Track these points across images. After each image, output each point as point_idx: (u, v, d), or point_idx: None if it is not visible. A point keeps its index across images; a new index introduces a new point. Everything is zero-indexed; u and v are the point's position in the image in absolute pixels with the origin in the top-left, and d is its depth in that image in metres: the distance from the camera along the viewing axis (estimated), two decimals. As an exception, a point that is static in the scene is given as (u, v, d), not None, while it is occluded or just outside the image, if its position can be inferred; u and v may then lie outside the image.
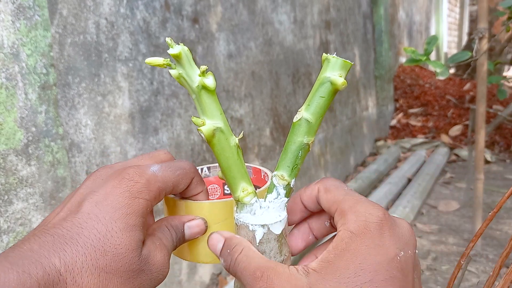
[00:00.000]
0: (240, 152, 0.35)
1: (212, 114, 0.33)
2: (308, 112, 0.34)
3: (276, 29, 2.16)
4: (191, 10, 1.57)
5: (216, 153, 0.34)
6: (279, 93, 2.18)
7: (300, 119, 0.34)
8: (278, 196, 0.35)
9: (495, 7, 3.65)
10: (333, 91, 0.34)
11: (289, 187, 0.35)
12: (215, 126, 0.33)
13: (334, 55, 0.33)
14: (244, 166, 0.35)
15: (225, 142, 0.34)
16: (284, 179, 0.35)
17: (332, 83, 0.33)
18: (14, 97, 0.89)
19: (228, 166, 0.34)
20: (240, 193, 0.35)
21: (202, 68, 0.32)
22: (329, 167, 2.74)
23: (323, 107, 0.34)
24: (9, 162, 0.89)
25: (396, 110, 4.22)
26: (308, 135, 0.34)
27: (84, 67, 1.15)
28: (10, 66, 0.89)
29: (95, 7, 1.19)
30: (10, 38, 0.89)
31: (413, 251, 0.31)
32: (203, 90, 0.33)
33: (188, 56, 0.32)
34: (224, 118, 0.33)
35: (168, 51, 0.32)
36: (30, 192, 0.93)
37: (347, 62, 0.33)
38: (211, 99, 0.33)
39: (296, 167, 0.35)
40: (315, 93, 0.34)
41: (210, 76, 0.33)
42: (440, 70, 1.41)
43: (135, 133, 1.32)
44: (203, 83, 0.32)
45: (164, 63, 0.33)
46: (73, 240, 0.30)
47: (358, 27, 3.37)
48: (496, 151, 3.46)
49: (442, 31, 6.51)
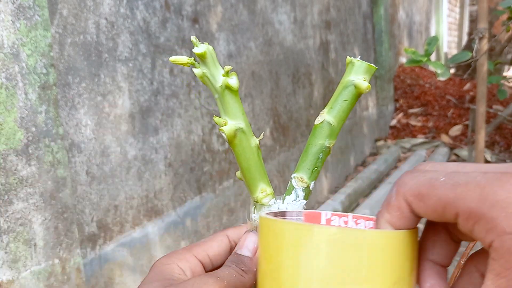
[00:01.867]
0: (260, 153, 0.35)
1: (234, 115, 0.33)
2: (330, 115, 0.34)
3: (276, 29, 2.16)
4: (191, 10, 1.57)
5: (237, 153, 0.34)
6: (279, 93, 2.18)
7: (322, 121, 0.34)
8: (296, 198, 0.35)
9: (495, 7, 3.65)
10: (357, 94, 0.34)
11: (308, 190, 0.35)
12: (237, 126, 0.33)
13: (358, 59, 0.33)
14: (263, 167, 0.35)
15: (246, 143, 0.34)
16: (304, 182, 0.35)
17: (356, 86, 0.33)
18: (14, 97, 0.89)
19: (248, 166, 0.34)
20: (259, 194, 0.35)
21: (226, 68, 0.32)
22: (329, 167, 2.74)
23: (346, 110, 0.34)
24: (9, 162, 0.89)
25: (396, 110, 4.22)
26: (330, 138, 0.35)
27: (84, 67, 1.15)
28: (10, 66, 0.89)
29: (95, 7, 1.19)
30: (10, 38, 0.89)
31: None
32: (227, 90, 0.33)
33: (213, 56, 0.32)
34: (245, 119, 0.34)
35: (193, 50, 0.32)
36: (30, 192, 0.93)
37: (371, 66, 0.33)
38: (234, 99, 0.33)
39: (316, 170, 0.35)
40: (339, 96, 0.34)
41: (234, 76, 0.33)
42: (441, 71, 1.41)
43: (135, 133, 1.32)
44: (227, 83, 0.32)
45: (188, 61, 0.33)
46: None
47: (358, 27, 3.37)
48: (496, 151, 3.46)
49: (442, 31, 6.51)
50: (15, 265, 0.89)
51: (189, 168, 1.55)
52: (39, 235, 0.94)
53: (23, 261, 0.90)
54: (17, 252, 0.89)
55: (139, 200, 1.34)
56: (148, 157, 1.37)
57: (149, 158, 1.37)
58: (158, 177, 1.41)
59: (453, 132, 3.73)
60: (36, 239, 0.93)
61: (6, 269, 0.87)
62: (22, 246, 0.90)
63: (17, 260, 0.89)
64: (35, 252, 0.93)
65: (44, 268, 0.94)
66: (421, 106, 4.16)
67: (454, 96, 4.23)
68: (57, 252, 0.97)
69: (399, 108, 4.22)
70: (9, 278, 0.88)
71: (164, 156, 1.44)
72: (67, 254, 0.99)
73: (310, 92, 2.49)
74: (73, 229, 1.01)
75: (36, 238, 0.93)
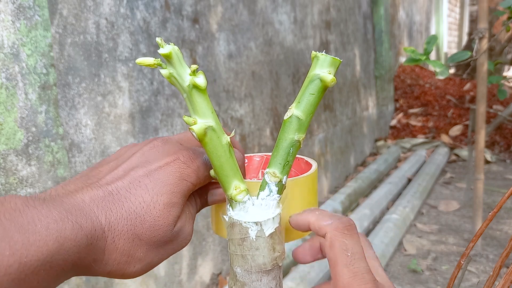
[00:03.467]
0: (232, 151, 0.35)
1: (203, 113, 0.33)
2: (298, 109, 0.35)
3: (276, 29, 2.16)
4: (191, 10, 1.57)
5: (208, 151, 0.34)
6: (279, 93, 2.18)
7: (290, 116, 0.35)
8: (270, 193, 0.35)
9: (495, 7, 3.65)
10: (323, 88, 0.34)
11: (281, 184, 0.36)
12: (207, 125, 0.33)
13: (323, 53, 0.34)
14: (236, 164, 0.35)
15: (217, 141, 0.34)
16: (276, 176, 0.35)
17: (321, 80, 0.34)
18: (14, 97, 0.89)
19: (220, 164, 0.34)
20: (233, 191, 0.35)
21: (192, 68, 0.33)
22: (329, 167, 2.74)
23: (313, 104, 0.34)
24: (9, 162, 0.89)
25: (396, 110, 4.22)
26: (299, 132, 0.35)
27: (84, 67, 1.15)
28: (10, 66, 0.89)
29: (95, 7, 1.19)
30: (10, 38, 0.89)
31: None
32: (194, 89, 0.33)
33: (178, 56, 0.33)
34: (215, 117, 0.34)
35: (159, 51, 0.32)
36: (30, 192, 0.93)
37: (336, 59, 0.34)
38: (202, 98, 0.33)
39: (288, 164, 0.36)
40: (305, 90, 0.34)
41: (201, 75, 0.33)
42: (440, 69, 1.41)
43: (135, 133, 1.32)
44: (194, 82, 0.32)
45: (154, 63, 0.33)
46: (120, 202, 0.32)
47: (358, 27, 3.37)
48: (496, 151, 3.46)
49: (442, 31, 6.51)
50: (15, 265, 0.89)
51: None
52: (39, 235, 0.94)
53: (23, 261, 0.90)
54: (17, 252, 0.89)
55: (139, 200, 1.34)
56: (148, 157, 1.37)
57: (149, 158, 1.37)
58: (158, 177, 1.41)
59: (453, 132, 3.73)
60: (36, 239, 0.93)
61: (6, 269, 0.87)
62: (22, 246, 0.90)
63: (17, 260, 0.89)
64: (35, 252, 0.93)
65: (44, 268, 0.94)
66: (421, 106, 4.16)
67: (454, 96, 4.23)
68: (57, 252, 0.97)
69: (399, 108, 4.22)
70: (9, 278, 0.88)
71: (164, 156, 1.44)
72: (67, 254, 0.99)
73: (310, 92, 2.49)
74: (73, 229, 1.01)
75: (36, 238, 0.93)
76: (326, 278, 1.62)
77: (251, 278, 0.35)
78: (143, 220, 0.32)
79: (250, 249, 0.35)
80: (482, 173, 1.77)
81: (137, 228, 0.32)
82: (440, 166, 3.08)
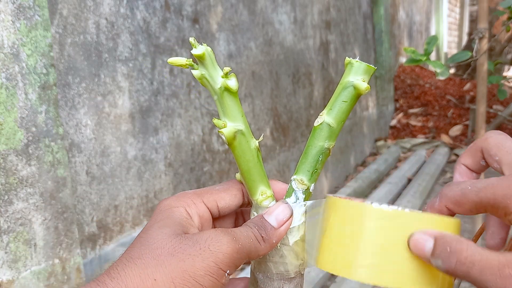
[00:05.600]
0: (260, 155, 0.34)
1: (233, 117, 0.32)
2: (330, 116, 0.34)
3: (276, 29, 2.16)
4: (191, 10, 1.57)
5: (237, 155, 0.33)
6: (279, 93, 2.18)
7: (321, 123, 0.34)
8: (296, 200, 0.34)
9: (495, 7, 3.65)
10: (356, 95, 0.33)
11: (308, 192, 0.35)
12: (236, 128, 0.32)
13: (357, 59, 0.33)
14: (263, 169, 0.34)
15: (245, 145, 0.33)
16: (304, 184, 0.34)
17: (355, 87, 0.33)
18: (14, 97, 0.89)
19: (248, 169, 0.34)
20: (259, 196, 0.34)
21: (225, 70, 0.32)
22: (329, 167, 2.74)
23: (345, 111, 0.34)
24: (9, 162, 0.89)
25: (396, 110, 4.22)
26: (330, 139, 0.34)
27: (84, 67, 1.15)
28: (10, 66, 0.89)
29: (95, 7, 1.19)
30: (10, 38, 0.89)
31: None
32: (226, 92, 0.32)
33: (211, 57, 0.32)
34: (245, 121, 0.33)
35: (192, 51, 0.31)
36: (30, 192, 0.93)
37: (370, 67, 0.33)
38: (233, 101, 0.32)
39: (316, 172, 0.35)
40: (338, 97, 0.34)
41: (233, 78, 0.32)
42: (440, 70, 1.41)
43: (135, 133, 1.32)
44: (226, 84, 0.32)
45: (187, 63, 0.32)
46: (133, 266, 0.29)
47: (358, 27, 3.36)
48: (496, 151, 3.45)
49: (442, 31, 6.51)
50: (15, 265, 0.89)
51: (189, 168, 1.55)
52: (39, 235, 0.94)
53: (23, 261, 0.90)
54: (17, 252, 0.89)
55: (139, 200, 1.34)
56: (148, 157, 1.37)
57: (149, 158, 1.37)
58: (158, 177, 1.41)
59: (453, 132, 3.73)
60: (36, 239, 0.93)
61: (6, 269, 0.87)
62: (22, 246, 0.90)
63: (17, 260, 0.89)
64: (35, 252, 0.93)
65: (44, 268, 0.94)
66: (421, 106, 4.16)
67: (454, 96, 4.23)
68: (57, 252, 0.97)
69: (399, 108, 4.22)
70: (9, 278, 0.88)
71: (164, 156, 1.44)
72: (67, 254, 0.99)
73: (310, 92, 2.49)
74: (73, 229, 1.01)
75: (36, 238, 0.93)
76: (326, 278, 1.62)
77: (273, 285, 0.34)
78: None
79: (274, 256, 0.34)
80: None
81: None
82: (440, 166, 3.08)
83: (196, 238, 0.30)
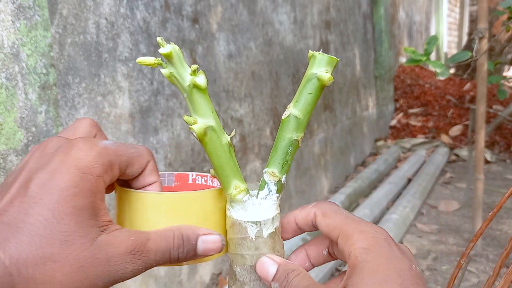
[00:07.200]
0: (232, 150, 0.35)
1: (203, 113, 0.33)
2: (296, 108, 0.35)
3: (276, 29, 2.16)
4: (191, 10, 1.57)
5: (208, 151, 0.34)
6: (279, 93, 2.18)
7: (288, 115, 0.35)
8: (269, 192, 0.35)
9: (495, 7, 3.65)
10: (320, 87, 0.34)
11: (280, 183, 0.36)
12: (207, 124, 0.33)
13: (320, 52, 0.34)
14: (236, 164, 0.35)
15: (217, 141, 0.34)
16: (275, 176, 0.35)
17: (319, 79, 0.34)
18: (14, 97, 0.89)
19: (220, 164, 0.34)
20: (233, 190, 0.35)
21: (193, 67, 0.33)
22: (329, 167, 2.74)
23: (311, 103, 0.34)
24: (9, 162, 0.89)
25: (396, 110, 4.22)
26: (297, 131, 0.35)
27: (84, 67, 1.15)
28: (10, 66, 0.89)
29: (95, 7, 1.19)
30: (10, 38, 0.89)
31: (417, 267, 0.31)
32: (195, 89, 0.33)
33: (179, 55, 0.33)
34: (215, 117, 0.34)
35: (159, 50, 0.32)
36: (30, 192, 0.93)
37: (333, 58, 0.34)
38: (203, 98, 0.33)
39: (287, 163, 0.36)
40: (303, 90, 0.34)
41: (201, 75, 0.33)
42: (440, 70, 1.41)
43: (135, 133, 1.32)
44: (195, 82, 0.32)
45: (155, 62, 0.33)
46: (18, 228, 0.27)
47: (358, 27, 3.37)
48: (496, 151, 3.46)
49: (442, 31, 6.51)
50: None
51: (189, 168, 1.55)
52: (39, 235, 0.94)
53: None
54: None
55: (139, 200, 1.34)
56: (148, 157, 1.37)
57: (149, 158, 1.37)
58: (158, 177, 1.41)
59: (453, 132, 3.73)
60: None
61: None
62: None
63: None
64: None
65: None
66: (421, 106, 4.16)
67: (454, 96, 4.23)
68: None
69: (399, 108, 4.22)
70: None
71: (164, 156, 1.44)
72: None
73: (310, 92, 2.49)
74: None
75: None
76: (326, 278, 1.62)
77: (251, 277, 0.35)
78: (50, 239, 0.28)
79: (250, 249, 0.35)
80: (482, 173, 1.77)
81: (45, 250, 0.27)
82: (440, 166, 3.08)
83: None
